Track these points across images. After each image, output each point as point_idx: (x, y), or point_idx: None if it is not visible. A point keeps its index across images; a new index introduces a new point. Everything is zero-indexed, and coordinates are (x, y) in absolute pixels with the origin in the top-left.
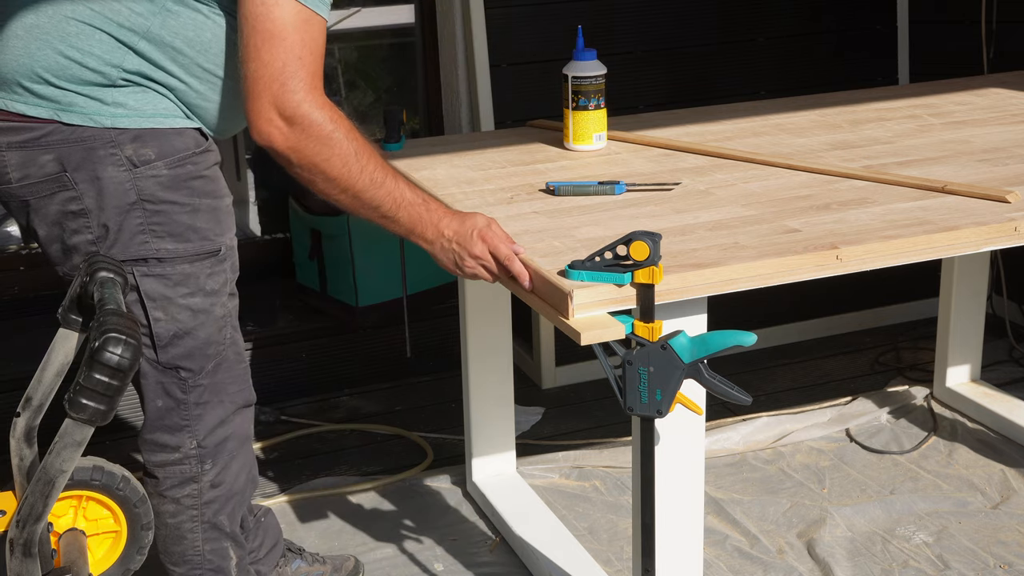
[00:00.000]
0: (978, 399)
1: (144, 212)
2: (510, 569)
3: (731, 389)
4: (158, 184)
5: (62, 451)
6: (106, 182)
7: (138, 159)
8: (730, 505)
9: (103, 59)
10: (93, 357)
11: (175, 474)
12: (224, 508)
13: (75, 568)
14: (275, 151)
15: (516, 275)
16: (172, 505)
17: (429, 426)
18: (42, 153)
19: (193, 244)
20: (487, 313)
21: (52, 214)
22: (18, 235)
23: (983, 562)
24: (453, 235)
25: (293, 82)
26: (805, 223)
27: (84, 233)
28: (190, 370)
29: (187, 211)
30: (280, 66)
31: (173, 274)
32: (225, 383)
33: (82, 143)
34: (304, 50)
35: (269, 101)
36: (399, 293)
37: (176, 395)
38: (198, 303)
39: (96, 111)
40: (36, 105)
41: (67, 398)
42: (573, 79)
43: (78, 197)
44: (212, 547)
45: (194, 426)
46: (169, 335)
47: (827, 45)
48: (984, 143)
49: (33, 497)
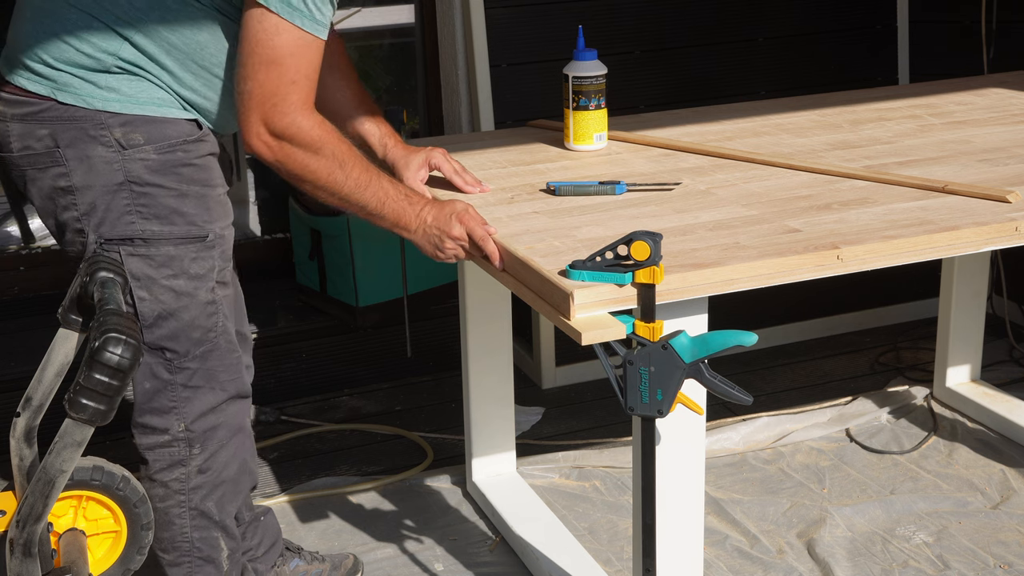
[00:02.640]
0: (978, 399)
1: (131, 193)
2: (510, 569)
3: (732, 389)
4: (145, 167)
5: (62, 451)
6: (95, 161)
7: (126, 142)
8: (730, 505)
9: (99, 46)
10: (93, 357)
11: (164, 457)
12: (211, 495)
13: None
14: (264, 158)
15: (489, 255)
16: (161, 489)
17: (429, 426)
18: (39, 127)
19: (178, 228)
20: (487, 313)
21: (46, 188)
22: (18, 235)
23: (983, 562)
24: (433, 220)
25: (284, 104)
26: (806, 223)
27: (71, 210)
28: (175, 351)
29: (174, 195)
30: (273, 89)
31: (157, 255)
32: (217, 370)
33: (74, 122)
34: (299, 74)
35: (260, 118)
36: (399, 293)
37: (162, 376)
38: (181, 285)
39: (89, 93)
40: (36, 82)
41: (67, 398)
42: (573, 79)
43: (67, 174)
44: (201, 535)
45: (182, 408)
46: (153, 315)
47: (827, 45)
48: (984, 143)
49: (33, 497)
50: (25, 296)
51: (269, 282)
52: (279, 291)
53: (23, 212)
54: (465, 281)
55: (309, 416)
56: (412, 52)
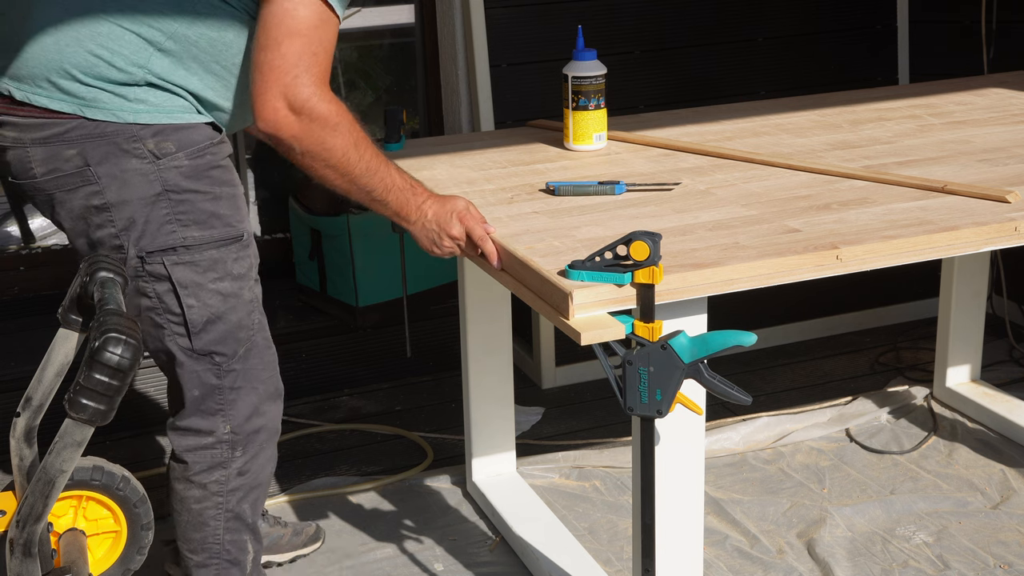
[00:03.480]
0: (978, 399)
1: (169, 202)
2: (510, 569)
3: (731, 389)
4: (180, 174)
5: (62, 451)
6: (130, 175)
7: (160, 152)
8: (730, 505)
9: (130, 59)
10: (93, 357)
11: (205, 459)
12: (247, 497)
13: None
14: (279, 139)
15: (487, 255)
16: (198, 490)
17: (429, 426)
18: (66, 148)
19: (217, 230)
20: (487, 313)
21: (76, 208)
22: (18, 235)
23: (983, 562)
24: (434, 216)
25: (305, 76)
26: (805, 223)
27: (107, 227)
28: (224, 354)
29: (209, 199)
30: (295, 60)
31: (202, 260)
32: (256, 369)
33: (105, 138)
34: (319, 47)
35: (280, 91)
36: (399, 293)
37: (211, 381)
38: (227, 287)
39: (119, 107)
40: (60, 100)
41: (67, 398)
42: (573, 79)
43: (100, 191)
44: (232, 537)
45: (228, 411)
46: (202, 321)
47: (827, 45)
48: (984, 143)
49: (33, 497)
50: (25, 296)
51: (269, 282)
52: (279, 291)
53: (23, 212)
54: (465, 281)
55: (309, 416)
56: (412, 52)
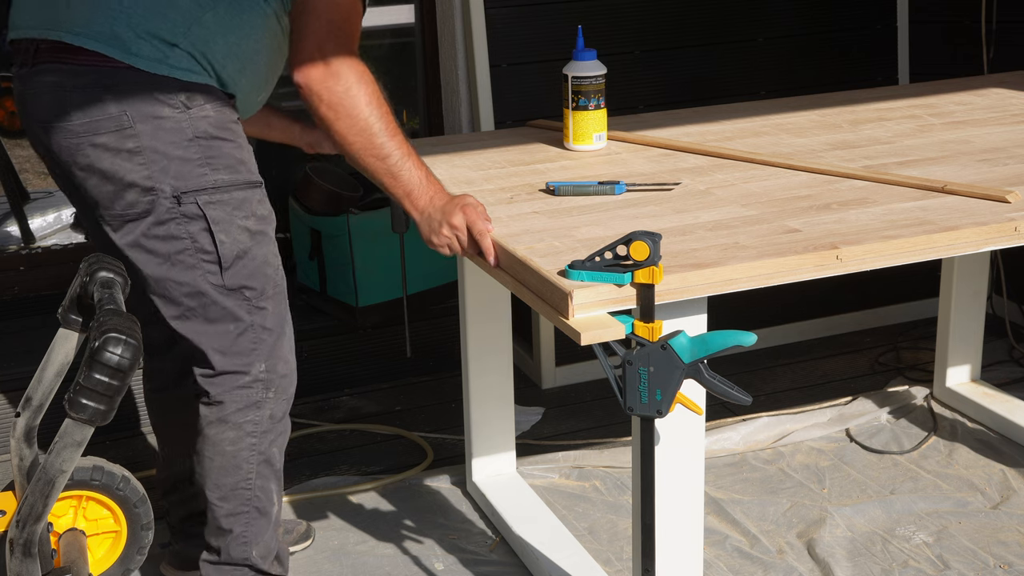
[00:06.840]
0: (978, 399)
1: (200, 147)
2: (510, 569)
3: (731, 389)
4: (209, 123)
5: (62, 451)
6: (165, 121)
7: (190, 103)
8: (730, 505)
9: (177, 21)
10: (93, 357)
11: (241, 398)
12: (277, 441)
13: (75, 568)
14: (310, 89)
15: (485, 250)
16: (233, 431)
17: (429, 426)
18: (105, 93)
19: (242, 175)
20: (487, 313)
21: (107, 155)
22: (18, 235)
23: (983, 562)
24: (441, 206)
25: (339, 39)
26: (805, 223)
27: (140, 170)
28: (253, 288)
29: (235, 147)
30: (331, 28)
31: (231, 200)
32: (285, 315)
33: (142, 87)
34: (351, 27)
35: (316, 45)
36: (399, 293)
37: (243, 317)
38: (253, 225)
39: (160, 59)
40: (109, 46)
41: (67, 398)
42: (573, 79)
43: (136, 135)
44: (262, 483)
45: (261, 349)
46: (232, 256)
47: (827, 45)
48: (984, 143)
49: (33, 497)
50: (25, 296)
51: None
52: None
53: (23, 212)
54: (465, 281)
55: (309, 416)
56: (412, 52)
